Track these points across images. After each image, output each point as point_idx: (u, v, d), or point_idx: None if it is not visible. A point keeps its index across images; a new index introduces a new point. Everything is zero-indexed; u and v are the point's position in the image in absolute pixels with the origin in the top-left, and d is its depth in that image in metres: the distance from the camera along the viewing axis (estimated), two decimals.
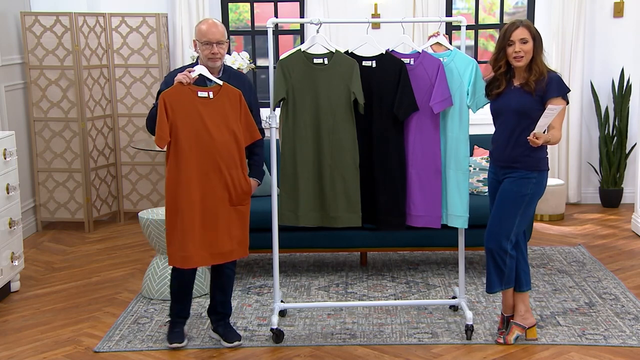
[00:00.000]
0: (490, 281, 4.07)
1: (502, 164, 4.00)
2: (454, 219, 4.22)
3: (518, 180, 3.93)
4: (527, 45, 3.86)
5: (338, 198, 4.19)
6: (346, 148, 4.15)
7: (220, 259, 3.98)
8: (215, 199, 3.89)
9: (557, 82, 3.90)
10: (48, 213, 6.61)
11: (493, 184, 4.12)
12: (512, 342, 4.04)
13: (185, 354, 4.07)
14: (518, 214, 3.96)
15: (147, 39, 6.67)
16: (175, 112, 3.81)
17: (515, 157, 3.93)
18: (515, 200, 3.95)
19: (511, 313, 4.17)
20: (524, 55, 3.86)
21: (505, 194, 3.97)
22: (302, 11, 7.12)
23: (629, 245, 5.93)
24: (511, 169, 3.96)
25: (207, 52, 3.93)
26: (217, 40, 3.93)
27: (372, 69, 4.16)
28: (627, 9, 6.99)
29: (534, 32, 3.89)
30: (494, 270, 4.03)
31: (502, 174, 4.02)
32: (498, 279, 4.04)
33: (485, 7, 7.52)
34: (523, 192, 3.94)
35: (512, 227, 3.97)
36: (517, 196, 3.94)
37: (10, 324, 4.53)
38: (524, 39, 3.85)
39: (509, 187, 3.97)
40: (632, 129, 6.92)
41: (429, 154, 4.17)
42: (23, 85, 6.45)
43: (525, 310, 4.12)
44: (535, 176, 3.94)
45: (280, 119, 4.20)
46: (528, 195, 3.94)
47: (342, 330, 4.34)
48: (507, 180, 3.97)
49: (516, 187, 3.94)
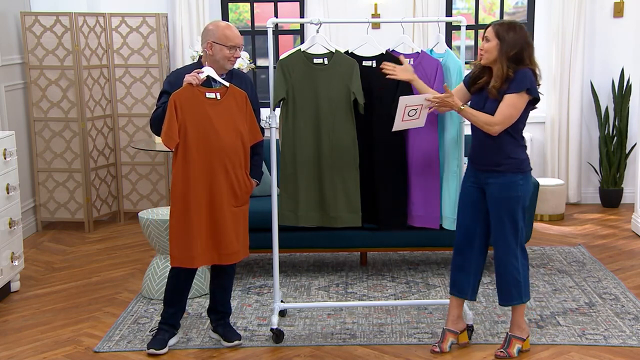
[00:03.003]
0: (508, 292, 3.94)
1: (484, 167, 3.89)
2: (446, 220, 4.23)
3: (504, 186, 3.84)
4: (488, 44, 3.77)
5: (338, 198, 4.19)
6: (346, 148, 4.15)
7: (227, 260, 3.98)
8: (222, 199, 3.90)
9: (520, 78, 3.75)
10: (48, 213, 6.61)
11: (470, 190, 3.95)
12: (515, 355, 3.99)
13: (186, 354, 4.07)
14: (519, 217, 3.88)
15: (147, 39, 6.67)
16: (185, 113, 3.82)
17: (498, 161, 3.84)
18: (512, 207, 3.84)
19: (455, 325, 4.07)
20: (483, 54, 3.80)
21: (496, 202, 3.85)
22: (302, 11, 7.13)
23: (629, 245, 5.93)
24: (495, 173, 3.85)
25: (230, 55, 3.95)
26: (241, 44, 4.00)
27: (372, 69, 4.16)
28: (627, 9, 6.99)
29: (502, 34, 3.75)
30: (512, 282, 3.90)
31: (484, 179, 3.89)
32: (517, 291, 3.92)
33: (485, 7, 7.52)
34: (513, 196, 3.84)
35: (519, 231, 3.89)
36: (512, 202, 3.84)
37: (10, 324, 4.53)
38: (487, 38, 3.79)
39: (498, 195, 3.84)
40: (632, 129, 6.92)
41: (428, 154, 4.18)
42: (23, 85, 6.45)
43: (522, 321, 4.02)
44: (521, 177, 3.87)
45: (280, 119, 4.21)
46: (520, 196, 3.87)
47: (342, 330, 4.34)
48: (492, 187, 3.85)
49: (506, 192, 3.84)
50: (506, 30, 3.77)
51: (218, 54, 3.94)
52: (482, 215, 3.95)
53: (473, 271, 4.02)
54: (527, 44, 3.79)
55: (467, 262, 4.01)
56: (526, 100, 3.78)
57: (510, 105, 3.75)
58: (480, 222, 3.96)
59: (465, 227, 3.99)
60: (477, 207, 3.95)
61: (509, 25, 3.80)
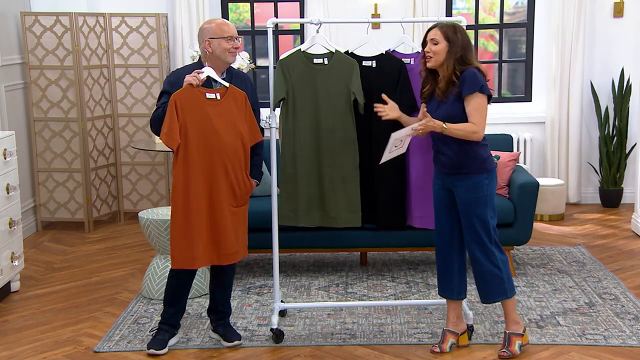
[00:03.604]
0: (489, 289, 3.96)
1: (448, 170, 3.90)
2: None
3: (471, 187, 3.86)
4: (437, 46, 3.78)
5: (338, 198, 4.19)
6: (346, 148, 4.15)
7: (226, 260, 3.99)
8: (222, 200, 3.90)
9: (470, 78, 3.78)
10: (48, 213, 6.61)
11: (440, 194, 3.97)
12: (518, 352, 3.99)
13: (185, 354, 4.07)
14: (488, 215, 3.90)
15: (147, 39, 6.67)
16: (185, 113, 3.82)
17: (461, 163, 3.85)
18: (479, 206, 3.87)
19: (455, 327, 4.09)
20: (432, 56, 3.80)
21: (464, 204, 3.88)
22: (302, 11, 7.12)
23: (629, 245, 5.93)
24: (460, 175, 3.87)
25: (230, 47, 3.94)
26: (237, 35, 3.99)
27: (372, 69, 4.16)
28: (627, 9, 6.99)
29: (450, 35, 3.78)
30: (492, 278, 3.93)
31: (450, 182, 3.91)
32: (499, 287, 3.94)
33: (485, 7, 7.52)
34: (479, 196, 3.86)
35: (490, 229, 3.91)
36: (479, 202, 3.86)
37: (10, 324, 4.53)
38: (434, 40, 3.79)
39: (466, 198, 3.87)
40: (632, 129, 6.92)
41: (428, 154, 4.17)
42: (23, 85, 6.45)
43: (516, 315, 4.04)
44: (486, 177, 3.88)
45: (280, 119, 4.21)
46: (487, 195, 3.88)
47: (342, 330, 4.34)
48: (459, 189, 3.88)
49: (473, 193, 3.86)
50: (453, 32, 3.81)
51: (217, 49, 3.94)
52: (456, 215, 3.97)
53: (457, 271, 4.05)
54: (470, 44, 3.86)
55: (450, 264, 4.04)
56: (485, 98, 3.82)
57: (477, 107, 3.80)
58: (455, 223, 3.99)
59: (441, 230, 4.02)
60: (449, 208, 3.98)
61: (454, 27, 3.84)
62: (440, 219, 4.01)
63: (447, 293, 4.09)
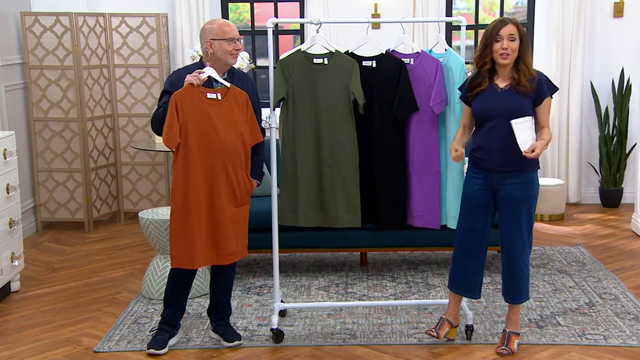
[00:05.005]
0: (520, 290, 3.99)
1: (500, 169, 3.88)
2: (451, 219, 4.23)
3: (524, 185, 3.88)
4: (514, 43, 3.80)
5: (338, 198, 4.19)
6: (346, 148, 4.15)
7: (225, 260, 3.99)
8: (221, 200, 3.90)
9: (547, 81, 3.88)
10: (48, 213, 6.61)
11: (479, 194, 3.94)
12: (516, 350, 4.00)
13: (185, 354, 4.07)
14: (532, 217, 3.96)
15: (147, 39, 6.68)
16: (186, 113, 3.82)
17: (516, 161, 3.83)
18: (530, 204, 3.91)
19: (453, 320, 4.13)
20: (510, 53, 3.81)
21: (516, 202, 3.88)
22: (302, 11, 7.12)
23: (629, 245, 5.93)
24: (513, 173, 3.87)
25: (231, 48, 3.94)
26: (239, 36, 3.99)
27: (372, 69, 4.16)
28: (627, 9, 6.99)
29: (522, 31, 3.83)
30: (524, 279, 3.97)
31: (498, 180, 3.90)
32: (526, 288, 4.00)
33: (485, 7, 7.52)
34: (532, 194, 3.91)
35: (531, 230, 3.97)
36: (530, 200, 3.90)
37: (10, 324, 4.53)
38: (512, 36, 3.80)
39: (519, 194, 3.87)
40: (632, 129, 6.92)
41: (428, 154, 4.18)
42: (23, 85, 6.45)
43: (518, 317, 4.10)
44: (536, 176, 3.95)
45: (280, 119, 4.21)
46: (535, 195, 3.94)
47: (342, 330, 4.34)
48: (511, 187, 3.87)
49: (526, 191, 3.88)
50: (522, 30, 3.86)
51: (219, 50, 3.94)
52: (490, 217, 4.00)
53: (482, 272, 4.08)
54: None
55: (480, 264, 4.05)
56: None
57: (549, 110, 3.91)
58: (487, 225, 4.01)
59: (474, 231, 3.99)
60: (487, 210, 3.97)
61: (519, 24, 3.88)
62: (476, 219, 3.98)
63: (469, 292, 4.08)
